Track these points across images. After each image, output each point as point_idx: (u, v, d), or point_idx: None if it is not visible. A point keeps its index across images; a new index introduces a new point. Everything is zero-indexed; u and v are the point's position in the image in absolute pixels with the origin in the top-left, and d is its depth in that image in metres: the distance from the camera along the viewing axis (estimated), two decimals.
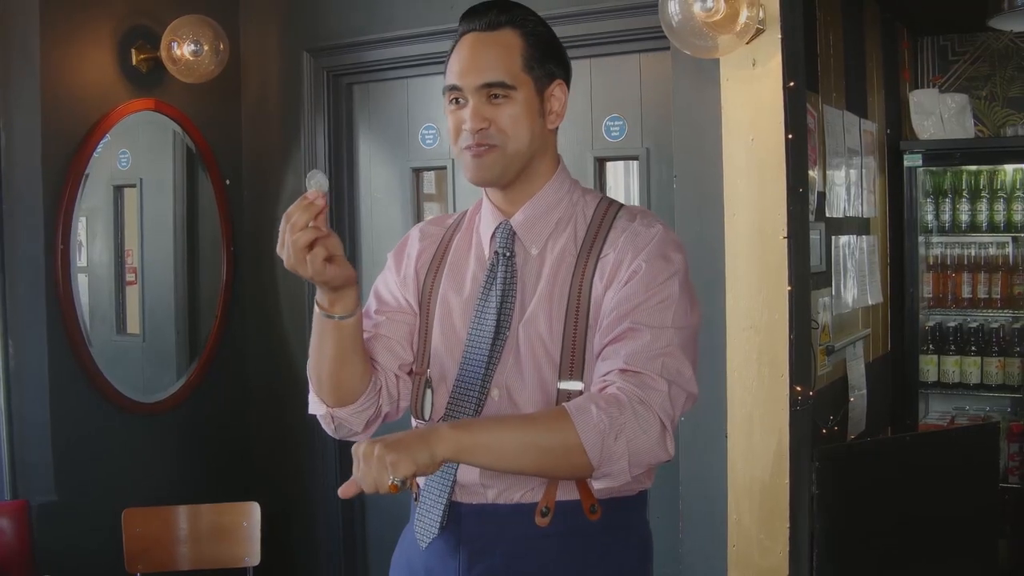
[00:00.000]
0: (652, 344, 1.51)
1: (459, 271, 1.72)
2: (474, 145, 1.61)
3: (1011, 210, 4.35)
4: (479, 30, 1.64)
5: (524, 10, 1.68)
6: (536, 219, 1.67)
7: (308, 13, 3.72)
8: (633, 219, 1.66)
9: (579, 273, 1.61)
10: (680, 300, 1.56)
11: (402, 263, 1.79)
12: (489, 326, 1.62)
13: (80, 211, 3.26)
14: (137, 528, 3.03)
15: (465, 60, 1.63)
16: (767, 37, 2.71)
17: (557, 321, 1.60)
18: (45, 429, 3.15)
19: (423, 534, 1.65)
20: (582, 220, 1.68)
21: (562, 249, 1.65)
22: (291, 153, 3.79)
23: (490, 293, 1.64)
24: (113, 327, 3.58)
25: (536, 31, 1.66)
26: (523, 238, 1.67)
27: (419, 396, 1.70)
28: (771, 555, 2.77)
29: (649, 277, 1.56)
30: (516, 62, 1.62)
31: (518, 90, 1.62)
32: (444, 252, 1.76)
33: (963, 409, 4.52)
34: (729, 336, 2.81)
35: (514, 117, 1.62)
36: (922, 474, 3.05)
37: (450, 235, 1.78)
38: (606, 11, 3.15)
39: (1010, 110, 4.46)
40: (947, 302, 4.47)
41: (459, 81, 1.63)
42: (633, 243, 1.60)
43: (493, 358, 1.61)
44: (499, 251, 1.67)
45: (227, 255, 3.77)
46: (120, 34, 3.38)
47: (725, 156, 2.82)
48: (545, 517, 1.59)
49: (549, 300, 1.61)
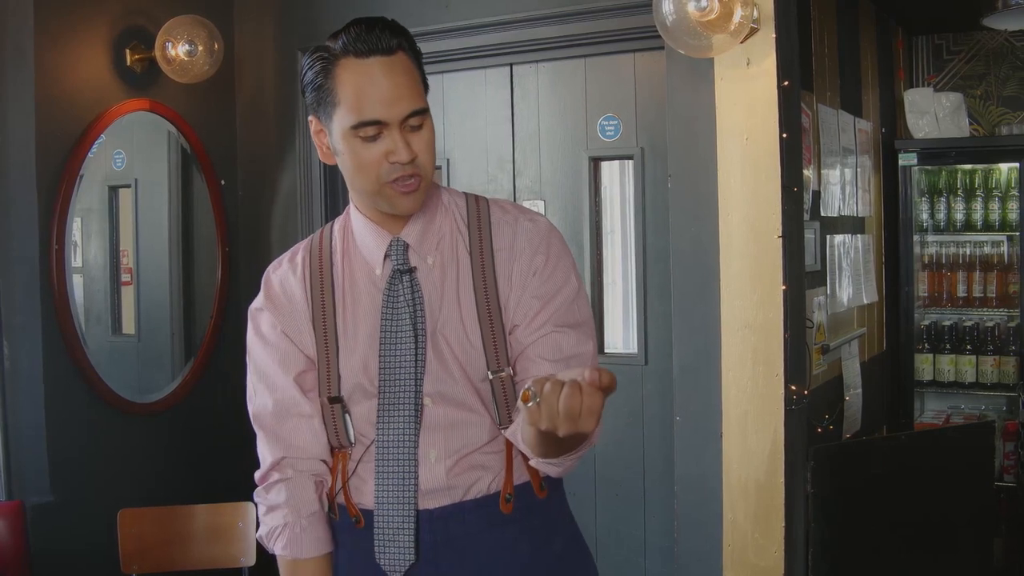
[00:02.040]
0: (579, 346, 1.62)
1: (351, 296, 1.68)
2: (405, 177, 1.56)
3: (1006, 209, 4.36)
4: (380, 54, 1.54)
5: (400, 26, 1.61)
6: (424, 229, 1.67)
7: (302, 13, 3.72)
8: (507, 211, 1.70)
9: (478, 272, 1.64)
10: (579, 293, 1.68)
11: (284, 310, 1.71)
12: (407, 340, 1.61)
13: (75, 211, 3.25)
14: (133, 528, 3.03)
15: (384, 89, 1.52)
16: (761, 36, 2.72)
17: (471, 322, 1.62)
18: (40, 430, 3.14)
19: (395, 563, 1.62)
20: (460, 219, 1.69)
21: (452, 250, 1.66)
22: (286, 153, 3.79)
23: (396, 310, 1.62)
24: (108, 327, 3.57)
25: (415, 48, 1.61)
26: (418, 250, 1.66)
27: (338, 423, 1.66)
28: (766, 554, 2.78)
29: (554, 272, 1.65)
30: (419, 85, 1.59)
31: (428, 113, 1.59)
32: (323, 282, 1.70)
33: (958, 408, 4.53)
34: (724, 335, 2.81)
35: (428, 142, 1.59)
36: (917, 473, 3.05)
37: (319, 265, 1.71)
38: (600, 10, 3.15)
39: (1005, 109, 4.47)
40: (942, 301, 4.48)
41: (385, 114, 1.53)
42: (528, 238, 1.66)
43: (419, 370, 1.61)
44: (399, 268, 1.64)
45: (222, 255, 3.76)
46: (114, 34, 3.37)
47: (719, 155, 2.82)
48: (509, 503, 1.63)
49: (458, 303, 1.63)
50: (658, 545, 3.27)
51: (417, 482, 1.61)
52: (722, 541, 2.84)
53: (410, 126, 1.56)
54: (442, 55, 3.46)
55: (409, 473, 1.61)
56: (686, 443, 2.93)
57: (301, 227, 3.75)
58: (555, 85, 3.41)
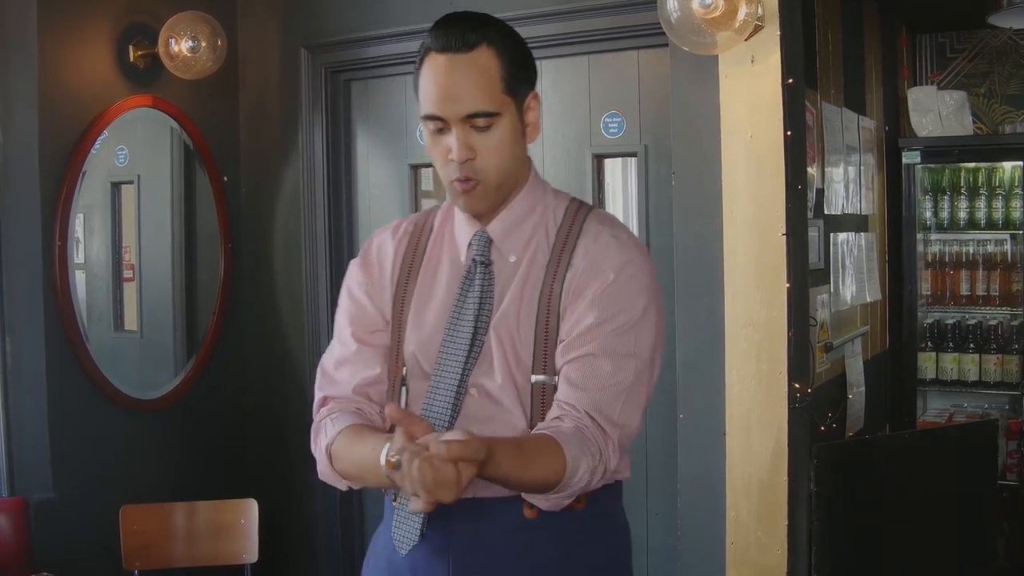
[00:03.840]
0: (612, 377, 1.57)
1: (433, 276, 1.72)
2: (462, 179, 1.58)
3: (1009, 207, 4.35)
4: (453, 51, 1.55)
5: (496, 23, 1.61)
6: (512, 227, 1.67)
7: (306, 9, 3.71)
8: (603, 226, 1.67)
9: (549, 278, 1.63)
10: (642, 323, 1.60)
11: (373, 272, 1.76)
12: (466, 331, 1.63)
13: (77, 208, 3.24)
14: (135, 525, 3.03)
15: (443, 87, 1.55)
16: (766, 34, 2.71)
17: (527, 325, 1.62)
18: (42, 426, 3.14)
19: (403, 540, 1.65)
20: (552, 224, 1.68)
21: (534, 253, 1.66)
22: (289, 150, 3.78)
23: (467, 299, 1.65)
24: (110, 324, 3.57)
25: (509, 45, 1.60)
26: (500, 246, 1.67)
27: (395, 393, 1.71)
28: (769, 552, 2.77)
29: (618, 293, 1.60)
30: (496, 85, 1.57)
31: (502, 115, 1.58)
32: (415, 256, 1.74)
33: (961, 406, 4.53)
34: (728, 333, 2.81)
35: (499, 143, 1.58)
36: (920, 471, 3.05)
37: (417, 239, 1.76)
38: (604, 7, 3.15)
39: (1008, 107, 4.46)
40: (945, 299, 4.48)
41: (439, 111, 1.56)
42: (605, 254, 1.62)
43: (470, 361, 1.62)
44: (476, 259, 1.66)
45: (225, 252, 3.76)
46: (118, 31, 3.37)
47: (724, 153, 2.81)
48: (533, 509, 1.61)
49: (519, 303, 1.63)
50: (661, 543, 3.27)
51: None
52: (725, 539, 2.84)
53: (475, 126, 1.56)
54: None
55: None
56: (689, 441, 2.93)
57: (304, 223, 3.75)
58: (558, 82, 3.41)
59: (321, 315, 3.74)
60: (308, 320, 3.77)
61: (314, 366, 4.01)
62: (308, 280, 3.76)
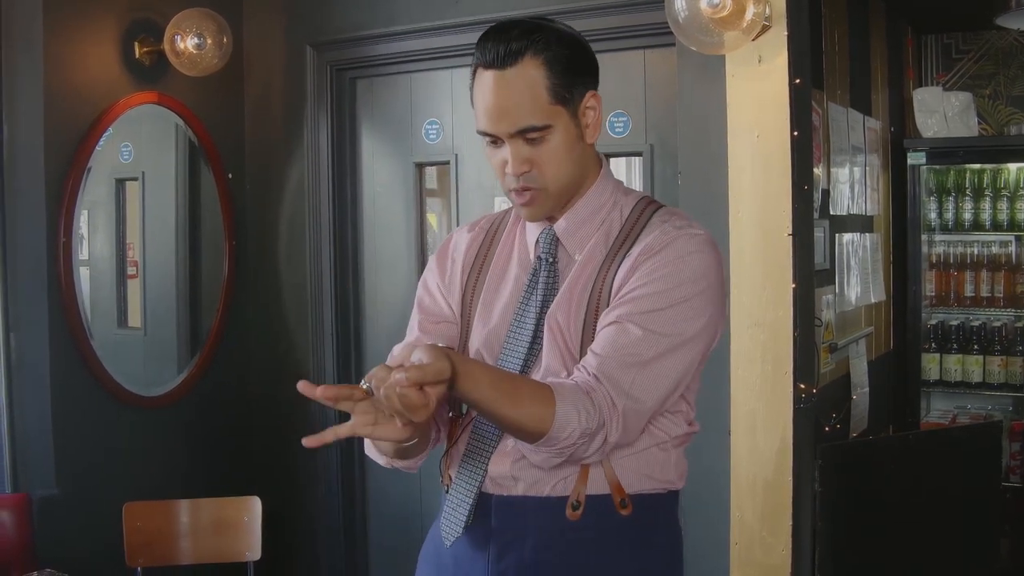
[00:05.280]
0: (633, 347, 1.52)
1: (502, 272, 1.73)
2: (520, 190, 1.60)
3: (1014, 209, 4.35)
4: (497, 67, 1.55)
5: (543, 31, 1.58)
6: (579, 225, 1.67)
7: (312, 7, 3.71)
8: (667, 220, 1.63)
9: (604, 269, 1.62)
10: (684, 307, 1.55)
11: (446, 266, 1.79)
12: (528, 328, 1.63)
13: (82, 204, 3.25)
14: (138, 522, 3.03)
15: (491, 106, 1.56)
16: (773, 34, 2.71)
17: (577, 313, 1.60)
18: (46, 422, 3.15)
19: (448, 532, 1.67)
20: (618, 221, 1.67)
21: (594, 249, 1.65)
22: (294, 147, 3.78)
23: (532, 296, 1.66)
24: (114, 320, 3.57)
25: (558, 51, 1.57)
26: (566, 244, 1.67)
27: None
28: (774, 552, 2.77)
29: (666, 271, 1.55)
30: (543, 97, 1.55)
31: (554, 125, 1.56)
32: (487, 253, 1.76)
33: (965, 408, 4.52)
34: (733, 333, 2.81)
35: (554, 152, 1.58)
36: (924, 472, 3.05)
37: (491, 237, 1.78)
38: (611, 7, 3.14)
39: (1014, 108, 4.45)
40: (950, 300, 4.47)
41: (489, 128, 1.58)
42: (662, 239, 1.58)
43: (529, 359, 1.62)
44: (542, 256, 1.67)
45: (229, 249, 3.76)
46: (123, 27, 3.37)
47: (730, 153, 2.81)
48: (576, 511, 1.60)
49: (571, 294, 1.62)
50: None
51: (487, 465, 1.62)
52: (729, 539, 2.84)
53: (527, 139, 1.56)
54: (451, 50, 3.46)
55: (486, 453, 1.63)
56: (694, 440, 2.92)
57: (308, 220, 3.74)
58: None
59: (325, 312, 3.74)
60: (312, 317, 3.76)
61: (318, 364, 4.02)
62: (312, 278, 3.75)
